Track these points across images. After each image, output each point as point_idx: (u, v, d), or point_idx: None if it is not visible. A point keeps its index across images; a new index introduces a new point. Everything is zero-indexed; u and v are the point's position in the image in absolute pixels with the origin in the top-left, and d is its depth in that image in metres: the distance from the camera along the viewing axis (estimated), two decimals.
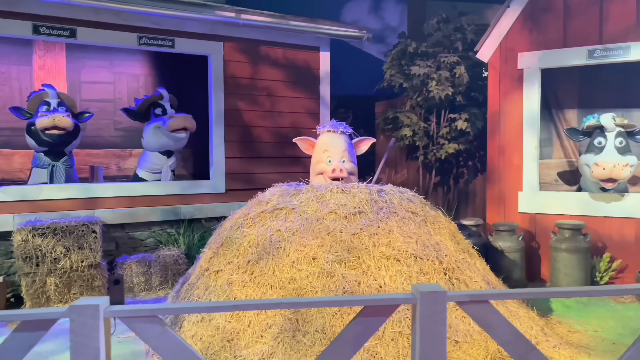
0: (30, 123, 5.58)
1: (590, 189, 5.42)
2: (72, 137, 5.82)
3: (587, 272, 5.08)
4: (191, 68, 6.28)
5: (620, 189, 5.39)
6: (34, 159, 5.85)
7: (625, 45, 5.00)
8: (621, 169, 4.88)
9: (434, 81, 6.08)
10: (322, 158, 4.53)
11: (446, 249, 3.97)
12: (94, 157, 6.80)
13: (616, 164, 4.90)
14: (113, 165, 6.93)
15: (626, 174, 4.92)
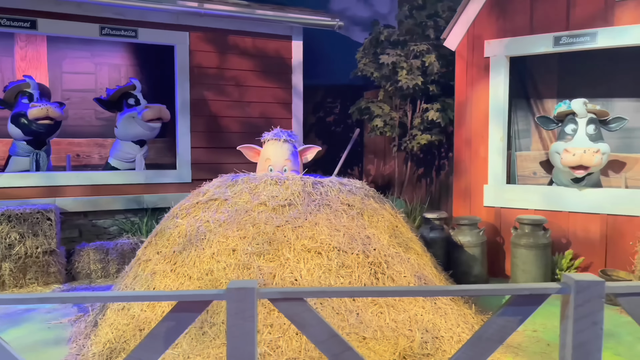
0: (18, 113, 5.75)
1: (562, 180, 5.21)
2: (57, 127, 6.01)
3: (546, 269, 4.88)
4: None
5: (593, 182, 5.15)
6: (13, 147, 6.05)
7: (592, 32, 4.74)
8: (591, 155, 4.67)
9: (404, 70, 5.93)
10: (264, 167, 4.51)
11: (377, 243, 3.89)
12: (76, 146, 6.98)
13: (586, 149, 4.70)
14: (95, 154, 7.10)
15: (597, 161, 4.70)
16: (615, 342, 3.77)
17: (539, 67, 6.05)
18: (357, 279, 3.64)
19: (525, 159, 6.18)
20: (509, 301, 1.86)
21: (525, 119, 6.08)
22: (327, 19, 6.38)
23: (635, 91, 5.51)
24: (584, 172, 4.83)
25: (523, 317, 1.85)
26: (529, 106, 6.09)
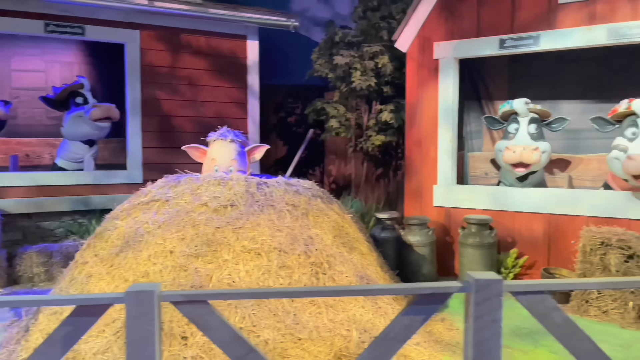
0: None
1: (508, 180, 5.31)
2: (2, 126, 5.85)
3: (492, 268, 4.96)
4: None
5: (537, 182, 5.25)
6: None
7: (535, 34, 4.83)
8: (530, 152, 4.79)
9: (358, 71, 5.95)
10: (209, 167, 4.47)
11: (320, 243, 3.89)
12: (25, 145, 6.79)
13: (525, 147, 4.82)
14: (46, 154, 6.92)
15: (535, 158, 4.81)
16: (551, 339, 3.83)
17: (490, 69, 6.15)
18: (298, 279, 3.63)
19: (478, 160, 6.27)
20: (413, 300, 1.87)
21: (477, 120, 6.17)
22: (283, 19, 6.36)
23: (581, 93, 5.65)
24: (524, 170, 4.94)
25: (426, 316, 1.86)
26: (481, 107, 6.19)
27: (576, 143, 5.67)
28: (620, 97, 5.32)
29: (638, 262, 4.12)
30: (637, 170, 4.15)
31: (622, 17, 4.45)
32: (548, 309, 1.86)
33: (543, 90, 5.82)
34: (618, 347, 3.67)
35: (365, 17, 6.27)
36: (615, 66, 5.50)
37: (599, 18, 4.55)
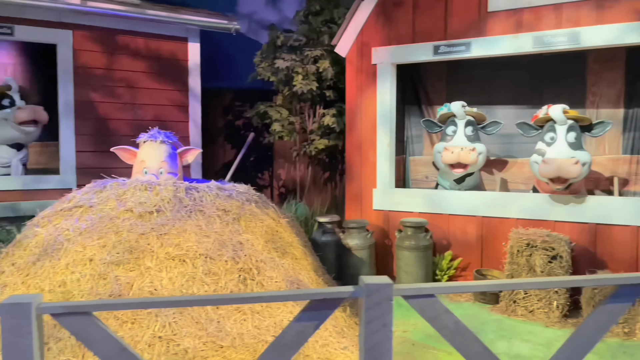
0: None
1: (445, 182, 5.41)
2: None
3: (428, 270, 5.04)
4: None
5: (473, 184, 5.37)
6: None
7: (467, 41, 4.95)
8: (468, 152, 4.91)
9: (300, 75, 5.95)
10: (139, 169, 4.36)
11: (250, 249, 3.85)
12: None
13: (463, 147, 4.93)
14: None
15: (472, 159, 4.94)
16: None
17: (429, 75, 6.26)
18: (224, 286, 3.57)
19: (418, 163, 6.38)
20: (306, 306, 1.86)
21: (417, 124, 6.26)
22: (224, 22, 6.29)
23: (514, 99, 5.82)
24: (462, 171, 5.06)
25: (319, 322, 1.85)
26: (421, 112, 6.29)
27: (510, 147, 5.83)
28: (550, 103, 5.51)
29: (561, 263, 4.26)
30: (551, 174, 4.32)
31: (546, 26, 4.61)
32: (438, 311, 1.88)
33: (480, 96, 5.97)
34: (539, 346, 3.78)
35: (307, 22, 6.28)
36: (544, 73, 5.70)
37: (526, 26, 4.70)
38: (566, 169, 4.23)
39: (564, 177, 4.28)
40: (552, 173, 4.29)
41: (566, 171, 4.24)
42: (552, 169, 4.28)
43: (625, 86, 5.37)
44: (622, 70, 5.36)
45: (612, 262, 4.42)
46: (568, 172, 4.24)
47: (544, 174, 4.37)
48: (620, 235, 4.39)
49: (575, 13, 4.49)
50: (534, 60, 5.71)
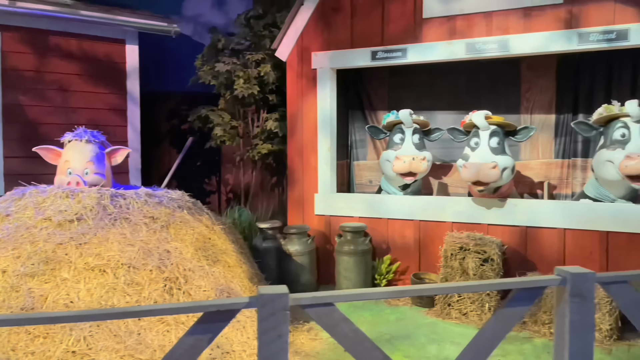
0: None
1: (390, 187, 5.43)
2: None
3: (367, 275, 5.05)
4: None
5: (416, 189, 5.42)
6: None
7: (403, 47, 5.00)
8: (419, 162, 4.91)
9: (241, 79, 5.87)
10: (63, 169, 4.18)
11: (178, 257, 3.74)
12: None
13: (415, 157, 4.94)
14: None
15: (424, 167, 4.96)
16: (409, 344, 3.95)
17: (372, 80, 6.30)
18: (148, 296, 3.46)
19: (362, 168, 6.40)
20: (200, 319, 1.79)
21: (361, 129, 6.29)
22: (163, 24, 6.15)
23: (453, 104, 5.91)
24: (412, 179, 5.08)
25: (213, 335, 1.79)
26: (364, 117, 6.31)
27: (450, 152, 5.92)
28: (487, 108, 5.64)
29: (492, 265, 4.34)
30: (470, 178, 4.41)
31: (478, 33, 4.71)
32: (336, 320, 1.85)
33: (421, 101, 6.04)
34: None
35: (249, 25, 6.22)
36: (481, 79, 5.83)
37: (459, 33, 4.79)
38: (484, 173, 4.32)
39: (482, 180, 4.37)
40: (472, 177, 4.39)
41: (484, 175, 4.33)
42: (472, 173, 4.37)
43: (556, 93, 5.55)
44: (553, 78, 5.54)
45: (542, 264, 4.54)
46: (486, 176, 4.33)
47: (465, 177, 4.47)
48: (549, 238, 4.51)
49: (505, 21, 4.61)
50: (472, 66, 5.82)
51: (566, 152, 5.50)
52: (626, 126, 4.32)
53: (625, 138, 4.29)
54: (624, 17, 4.20)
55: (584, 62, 5.40)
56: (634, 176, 4.14)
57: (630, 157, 4.06)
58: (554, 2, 4.40)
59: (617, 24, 4.21)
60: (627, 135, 4.30)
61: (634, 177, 4.13)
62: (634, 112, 4.24)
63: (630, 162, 4.04)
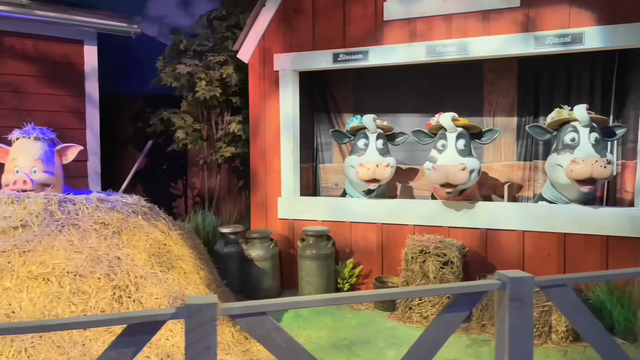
0: None
1: (355, 192, 5.38)
2: None
3: (330, 279, 5.00)
4: None
5: (381, 193, 5.39)
6: None
7: (364, 50, 4.97)
8: (383, 169, 4.83)
9: (203, 81, 5.76)
10: (10, 168, 4.02)
11: (129, 264, 3.63)
12: None
13: (379, 163, 4.85)
14: None
15: (388, 174, 4.88)
16: (367, 349, 3.90)
17: (337, 82, 6.27)
18: (95, 305, 3.34)
19: (328, 171, 6.35)
20: (123, 331, 1.71)
21: (327, 132, 6.24)
22: (123, 24, 6.01)
23: (417, 107, 5.92)
24: (376, 185, 5.01)
25: (137, 348, 1.70)
26: (330, 120, 6.27)
27: (415, 154, 5.92)
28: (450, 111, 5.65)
29: (452, 268, 4.33)
30: (440, 180, 4.40)
31: (438, 36, 4.71)
32: (269, 330, 1.78)
33: (385, 104, 6.03)
34: None
35: (211, 26, 6.12)
36: (445, 82, 5.84)
37: (419, 36, 4.78)
38: (454, 175, 4.32)
39: (451, 182, 4.36)
40: (441, 179, 4.37)
41: (454, 177, 4.32)
42: (441, 175, 4.35)
43: (518, 95, 5.59)
44: (515, 80, 5.59)
45: (502, 266, 4.55)
46: (455, 178, 4.32)
47: (434, 180, 4.45)
48: (508, 240, 4.53)
49: (464, 24, 4.62)
50: (435, 69, 5.83)
51: (528, 154, 5.55)
52: (576, 130, 4.35)
53: (574, 142, 4.31)
54: (579, 21, 4.25)
55: (544, 65, 5.46)
56: (581, 180, 4.15)
57: (575, 161, 4.08)
58: (511, 5, 4.43)
59: (573, 28, 4.25)
60: (576, 139, 4.32)
61: (582, 181, 4.15)
62: (582, 116, 4.27)
63: (575, 166, 4.07)
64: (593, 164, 4.01)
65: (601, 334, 2.07)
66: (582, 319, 2.04)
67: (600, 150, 4.25)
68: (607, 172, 4.01)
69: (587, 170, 4.01)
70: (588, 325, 2.04)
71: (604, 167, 4.01)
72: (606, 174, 4.01)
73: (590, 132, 4.30)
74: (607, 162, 4.03)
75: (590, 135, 4.29)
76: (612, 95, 5.15)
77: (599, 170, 4.00)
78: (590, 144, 4.25)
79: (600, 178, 4.06)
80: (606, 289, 3.97)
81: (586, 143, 4.25)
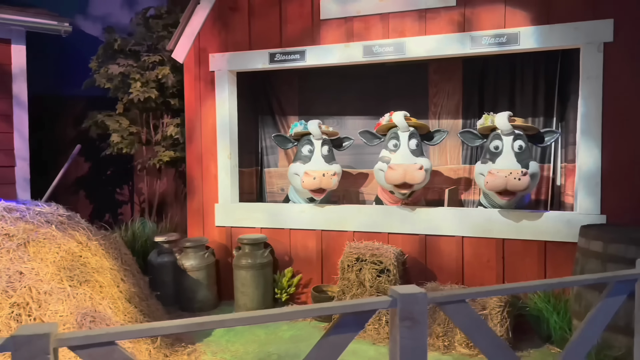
0: None
1: (298, 199, 5.17)
2: None
3: (267, 289, 4.78)
4: None
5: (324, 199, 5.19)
6: None
7: (301, 50, 4.78)
8: (330, 178, 4.61)
9: (139, 82, 5.48)
10: None
11: (32, 279, 3.34)
12: None
13: (325, 172, 4.62)
14: None
15: (334, 183, 4.67)
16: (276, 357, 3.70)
17: (281, 84, 6.07)
18: None
19: (273, 175, 6.13)
20: None
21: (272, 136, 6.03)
22: (53, 23, 5.69)
23: (363, 110, 5.76)
24: (321, 195, 4.79)
25: None
26: (275, 123, 6.06)
27: (362, 158, 5.75)
28: None
29: (389, 276, 4.16)
30: (398, 180, 4.23)
31: (375, 36, 4.56)
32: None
33: (330, 106, 5.86)
34: None
35: (147, 25, 5.84)
36: (390, 83, 5.71)
37: (356, 35, 4.62)
38: (411, 174, 4.15)
39: (409, 182, 4.20)
40: (399, 179, 4.19)
41: (411, 176, 4.16)
42: (398, 174, 4.17)
43: (463, 97, 5.49)
44: (460, 82, 5.48)
45: (441, 274, 4.41)
46: (413, 178, 4.16)
47: (391, 180, 4.25)
48: (447, 246, 4.39)
49: (401, 23, 4.47)
50: (380, 70, 5.69)
51: (474, 158, 5.44)
52: (499, 138, 4.24)
53: (498, 150, 4.20)
54: (514, 21, 4.14)
55: (489, 66, 5.37)
56: (498, 192, 4.03)
57: (491, 173, 3.96)
58: (447, 4, 4.30)
59: (509, 28, 4.15)
60: (500, 147, 4.20)
61: (499, 192, 4.04)
62: (503, 125, 4.16)
63: (490, 178, 3.95)
64: (507, 177, 3.89)
65: (503, 351, 1.91)
66: (481, 335, 1.88)
67: (524, 159, 4.11)
68: (522, 184, 3.88)
69: (501, 183, 3.89)
70: (487, 342, 1.88)
71: (519, 179, 3.88)
72: (521, 186, 3.89)
73: (515, 140, 4.16)
74: (522, 173, 3.89)
75: (514, 144, 4.16)
76: (555, 97, 5.09)
77: (513, 182, 3.87)
78: (514, 152, 4.12)
79: (515, 190, 3.94)
80: (543, 297, 3.86)
81: (509, 151, 4.12)
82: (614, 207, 3.86)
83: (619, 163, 3.85)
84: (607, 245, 3.32)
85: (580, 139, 3.97)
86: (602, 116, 3.87)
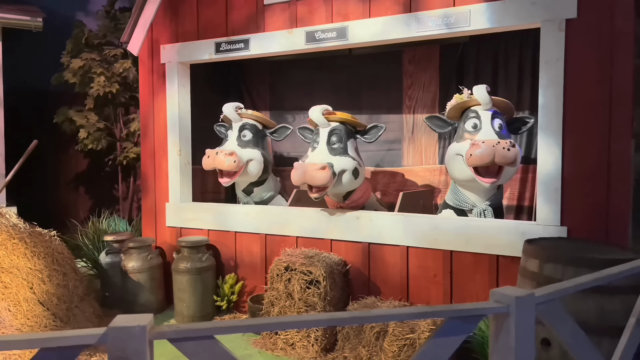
0: None
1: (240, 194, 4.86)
2: None
3: (205, 296, 4.46)
4: None
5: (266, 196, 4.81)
6: None
7: (245, 38, 4.42)
8: (223, 157, 4.28)
9: (102, 76, 5.35)
10: None
11: None
12: None
13: (219, 151, 4.32)
14: None
15: (228, 164, 4.28)
16: None
17: (252, 77, 5.75)
18: None
19: None
20: None
21: None
22: (26, 18, 5.67)
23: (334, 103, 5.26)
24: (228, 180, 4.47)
25: None
26: None
27: None
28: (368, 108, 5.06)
29: (318, 289, 3.72)
30: (297, 181, 3.82)
31: (318, 20, 4.11)
32: None
33: (301, 100, 5.45)
34: None
35: (115, 17, 5.70)
36: (363, 75, 5.24)
37: (300, 21, 4.19)
38: (311, 175, 3.69)
39: (310, 183, 3.75)
40: (299, 179, 3.77)
41: (311, 177, 3.70)
42: (298, 174, 3.75)
43: (440, 89, 4.92)
44: (436, 72, 4.92)
45: (385, 287, 3.90)
46: (313, 178, 3.70)
47: (293, 180, 3.85)
48: (392, 257, 3.86)
49: (344, 6, 3.99)
50: (353, 61, 5.25)
51: None
52: (477, 116, 3.70)
53: (477, 129, 3.69)
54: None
55: (468, 55, 4.78)
56: (481, 171, 3.51)
57: (475, 144, 3.43)
58: None
59: (458, 6, 3.56)
60: (478, 125, 3.69)
61: (482, 172, 3.51)
62: (482, 97, 3.63)
63: (475, 150, 3.41)
64: (495, 145, 3.36)
65: None
66: None
67: (505, 137, 3.64)
68: (511, 155, 3.36)
69: (489, 153, 3.35)
70: None
71: (508, 149, 3.35)
72: (510, 158, 3.36)
73: (494, 118, 3.70)
74: (511, 144, 3.38)
75: (493, 122, 3.69)
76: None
77: (502, 153, 3.34)
78: (494, 130, 3.64)
79: (504, 163, 3.40)
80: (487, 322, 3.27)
81: (489, 129, 3.64)
82: (577, 217, 3.20)
83: (582, 164, 3.19)
84: (543, 265, 2.71)
85: (538, 135, 3.33)
86: (564, 108, 3.22)
